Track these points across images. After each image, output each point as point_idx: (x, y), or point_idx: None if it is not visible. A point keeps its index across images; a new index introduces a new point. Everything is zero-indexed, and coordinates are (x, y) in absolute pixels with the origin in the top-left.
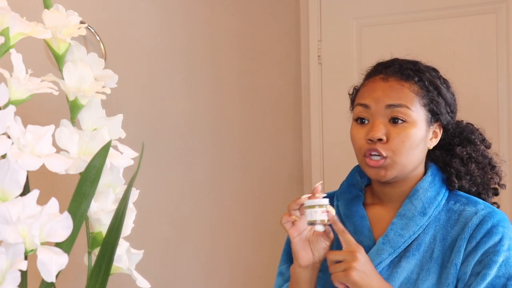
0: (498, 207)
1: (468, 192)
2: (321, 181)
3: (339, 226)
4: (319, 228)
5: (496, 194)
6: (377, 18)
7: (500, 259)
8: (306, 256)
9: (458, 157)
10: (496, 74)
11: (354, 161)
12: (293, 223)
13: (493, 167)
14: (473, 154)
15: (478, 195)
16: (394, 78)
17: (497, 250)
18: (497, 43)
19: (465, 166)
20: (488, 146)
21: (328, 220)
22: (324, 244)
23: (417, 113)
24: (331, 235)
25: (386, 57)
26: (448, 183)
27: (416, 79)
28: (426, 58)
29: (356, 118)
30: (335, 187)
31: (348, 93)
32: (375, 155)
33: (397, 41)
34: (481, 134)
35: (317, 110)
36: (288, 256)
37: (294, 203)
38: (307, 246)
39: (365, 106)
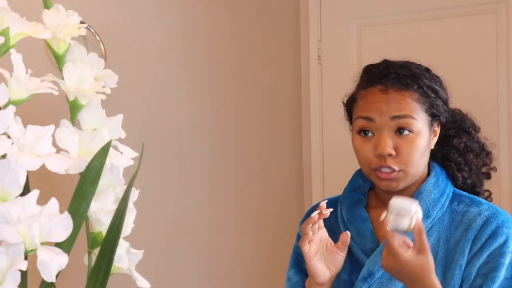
0: (490, 194)
1: (465, 184)
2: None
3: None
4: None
5: (489, 177)
6: (377, 18)
7: (507, 260)
8: (323, 275)
9: (456, 148)
10: (496, 74)
11: (354, 161)
12: (309, 243)
13: (487, 153)
14: (468, 143)
15: (473, 188)
16: (394, 88)
17: (503, 252)
18: (497, 43)
19: (463, 157)
20: (478, 130)
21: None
22: (340, 255)
23: (421, 120)
24: (346, 242)
25: (386, 57)
26: (452, 179)
27: (416, 86)
28: (426, 58)
29: (360, 131)
30: (334, 187)
31: (342, 102)
32: (386, 168)
33: (397, 41)
34: (470, 120)
35: (317, 110)
36: (296, 261)
37: (307, 223)
38: (323, 265)
39: (369, 119)
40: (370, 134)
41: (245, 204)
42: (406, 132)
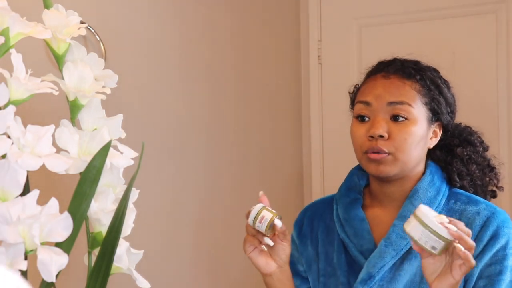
0: None
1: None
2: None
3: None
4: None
5: (494, 196)
6: (377, 18)
7: (510, 262)
8: (267, 266)
9: (459, 157)
10: (496, 74)
11: (354, 161)
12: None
13: (492, 169)
14: (473, 156)
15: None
16: (396, 76)
17: (505, 254)
18: (497, 43)
19: (465, 167)
20: (486, 149)
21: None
22: (282, 245)
23: (418, 110)
24: (286, 232)
25: (387, 57)
26: (449, 182)
27: (418, 77)
28: (426, 58)
29: (357, 116)
30: (335, 186)
31: (349, 92)
32: (376, 152)
33: (397, 41)
34: (479, 137)
35: (317, 110)
36: (291, 264)
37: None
38: (264, 257)
39: (366, 103)
40: (366, 119)
41: (245, 204)
42: (401, 118)
